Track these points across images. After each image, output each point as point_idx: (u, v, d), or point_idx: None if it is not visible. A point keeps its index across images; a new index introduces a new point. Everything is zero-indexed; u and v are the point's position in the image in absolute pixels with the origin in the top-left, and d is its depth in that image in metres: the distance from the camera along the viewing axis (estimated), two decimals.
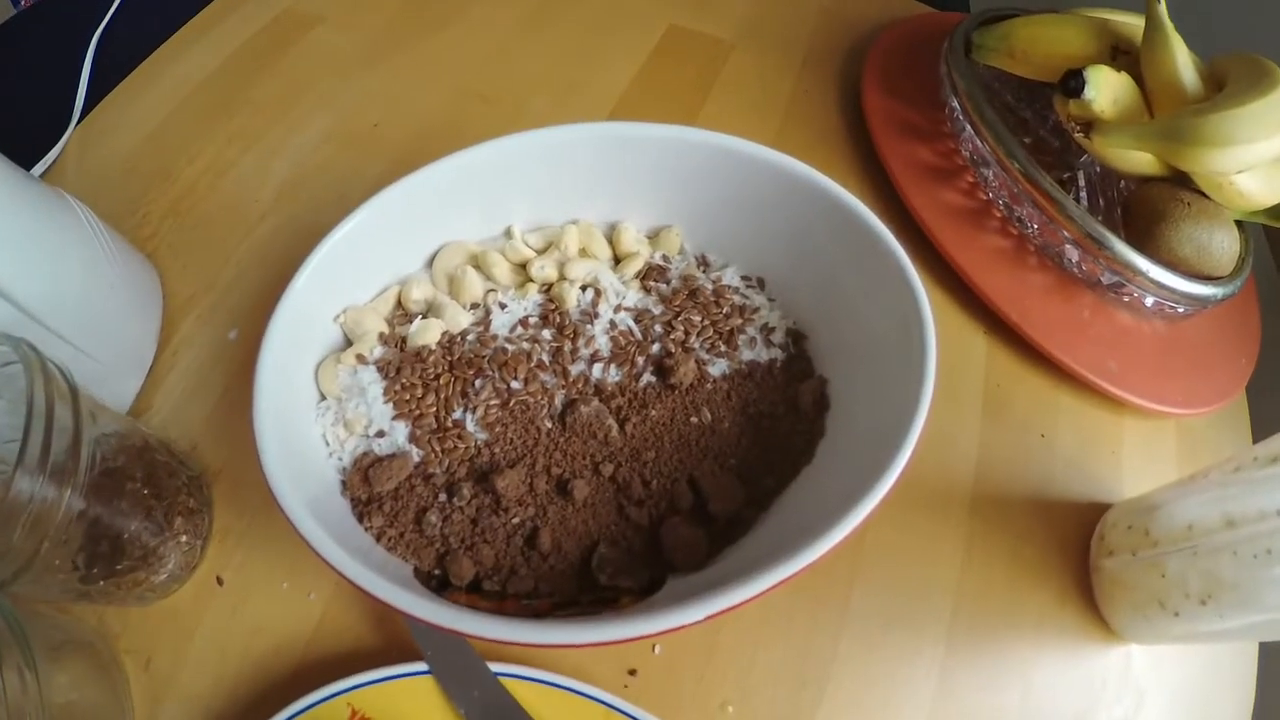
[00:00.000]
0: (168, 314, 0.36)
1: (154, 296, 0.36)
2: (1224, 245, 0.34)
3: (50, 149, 0.40)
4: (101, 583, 0.28)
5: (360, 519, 0.25)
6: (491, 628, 0.19)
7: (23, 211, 0.30)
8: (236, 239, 0.38)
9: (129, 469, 0.28)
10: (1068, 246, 0.35)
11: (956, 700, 0.29)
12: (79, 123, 0.42)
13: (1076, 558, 0.33)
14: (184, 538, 0.30)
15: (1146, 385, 0.35)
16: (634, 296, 0.29)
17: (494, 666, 0.27)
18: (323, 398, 0.27)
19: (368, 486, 0.25)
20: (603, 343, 0.27)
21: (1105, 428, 0.36)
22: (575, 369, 0.27)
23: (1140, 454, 0.36)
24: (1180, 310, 0.36)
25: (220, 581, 0.30)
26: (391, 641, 0.29)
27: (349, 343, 0.28)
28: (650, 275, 0.29)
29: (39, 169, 0.40)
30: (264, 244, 0.37)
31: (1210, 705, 0.32)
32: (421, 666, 0.27)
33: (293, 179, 0.40)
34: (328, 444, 0.26)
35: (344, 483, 0.26)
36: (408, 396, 0.26)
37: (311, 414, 0.27)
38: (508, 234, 0.30)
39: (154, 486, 0.29)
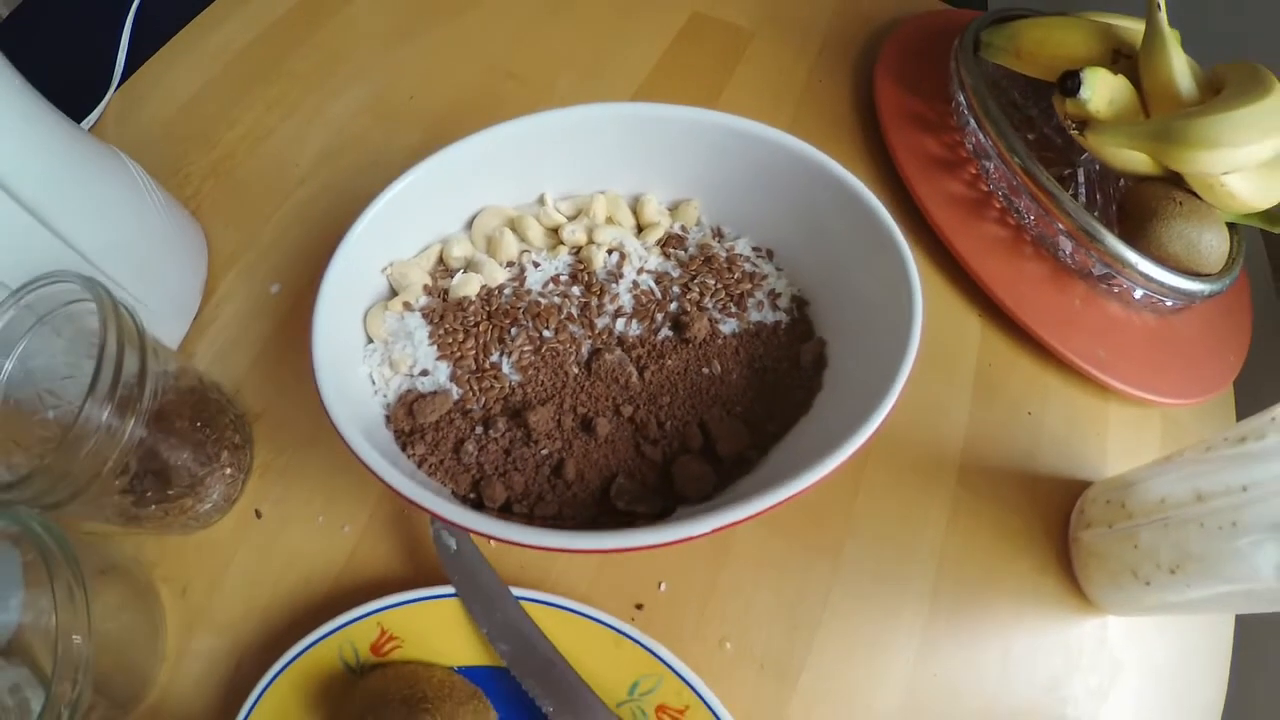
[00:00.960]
0: (212, 268, 0.38)
1: (200, 250, 0.38)
2: (1213, 244, 0.36)
3: (90, 113, 0.42)
4: (152, 507, 0.30)
5: (404, 448, 0.27)
6: (524, 534, 0.22)
7: (80, 164, 0.32)
8: (276, 201, 0.40)
9: (182, 404, 0.30)
10: (1061, 238, 0.37)
11: (939, 656, 0.31)
12: (118, 88, 0.44)
13: (1058, 530, 0.34)
14: (228, 470, 0.32)
15: (1133, 374, 0.36)
16: (655, 260, 0.32)
17: (516, 591, 0.29)
18: (369, 341, 0.30)
19: (411, 419, 0.27)
20: (626, 300, 0.30)
21: (1092, 411, 0.37)
22: (601, 322, 0.30)
23: (1124, 438, 0.37)
24: (1169, 304, 0.37)
25: (258, 514, 0.32)
26: (420, 569, 0.31)
27: (394, 293, 0.31)
28: (670, 243, 0.32)
29: (84, 126, 0.42)
30: (303, 206, 0.40)
31: (1186, 678, 0.33)
32: (448, 590, 0.29)
33: (331, 146, 0.42)
34: (373, 383, 0.29)
35: (388, 416, 0.28)
36: (450, 340, 0.29)
37: (359, 356, 0.29)
38: (540, 201, 0.32)
39: (204, 421, 0.31)
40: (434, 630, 0.29)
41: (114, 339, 0.25)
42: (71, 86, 0.44)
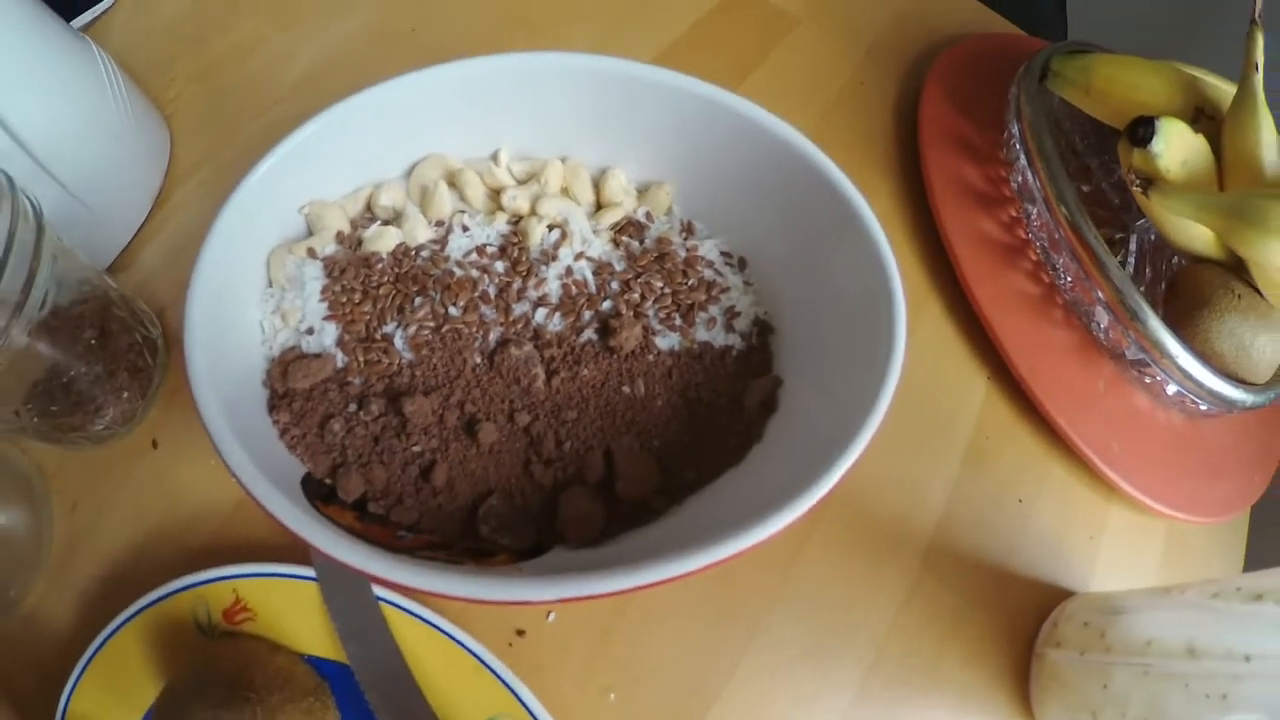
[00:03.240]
0: (170, 177, 0.36)
1: (160, 156, 0.36)
2: (1266, 350, 0.31)
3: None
4: (36, 419, 0.28)
5: (271, 410, 0.24)
6: (347, 553, 0.19)
7: (35, 44, 0.30)
8: (250, 115, 0.38)
9: (84, 317, 0.29)
10: (1098, 308, 0.32)
11: None
12: None
13: (1022, 639, 0.30)
14: (125, 394, 0.30)
15: (1145, 477, 0.32)
16: (600, 247, 0.27)
17: (379, 592, 0.27)
18: (270, 285, 0.27)
19: (285, 381, 0.24)
20: (554, 287, 0.26)
21: (1089, 510, 0.33)
22: (519, 309, 0.25)
23: (1120, 548, 0.33)
24: (1202, 407, 0.33)
25: (155, 445, 0.31)
26: (296, 543, 0.29)
27: (311, 235, 0.27)
28: (626, 230, 0.27)
29: (89, 16, 0.40)
30: (274, 127, 0.36)
31: None
32: (310, 572, 0.27)
33: (319, 68, 0.39)
34: (263, 331, 0.26)
35: (268, 373, 0.25)
36: (345, 299, 0.25)
37: (256, 299, 0.26)
38: (493, 158, 0.28)
39: (105, 339, 0.29)
40: (290, 611, 0.27)
41: (3, 231, 0.23)
42: None
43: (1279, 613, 0.22)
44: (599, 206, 0.29)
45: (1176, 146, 0.31)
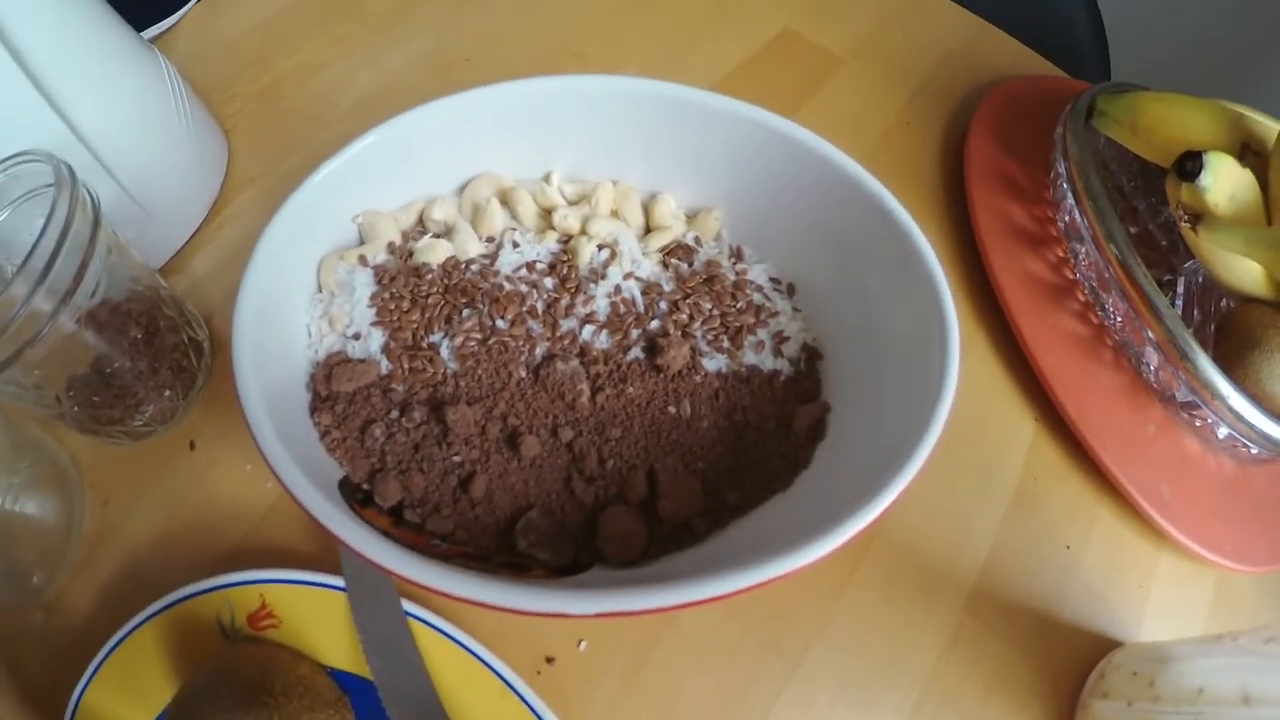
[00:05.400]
0: (226, 188, 0.37)
1: (218, 167, 0.37)
2: None
3: (172, 14, 0.43)
4: (76, 408, 0.29)
5: (313, 413, 0.24)
6: (379, 552, 0.18)
7: (108, 53, 0.31)
8: (308, 135, 0.39)
9: (134, 313, 0.29)
10: (1148, 348, 0.32)
11: None
12: None
13: (1067, 688, 0.29)
14: (167, 392, 0.30)
15: (1196, 524, 0.31)
16: (649, 268, 0.27)
17: (408, 606, 0.26)
18: (319, 290, 0.27)
19: (328, 384, 0.24)
20: (602, 305, 0.26)
21: (1139, 558, 0.32)
22: (566, 324, 0.25)
23: (1170, 598, 0.32)
24: (1254, 451, 0.32)
25: (192, 446, 0.31)
26: (326, 551, 0.29)
27: (363, 243, 0.28)
28: (676, 253, 0.27)
29: (157, 30, 0.42)
30: (329, 146, 0.36)
31: None
32: (341, 582, 0.27)
33: (376, 92, 0.41)
34: (310, 335, 0.26)
35: (312, 376, 0.25)
36: (393, 306, 0.25)
37: (305, 303, 0.27)
38: (545, 179, 0.29)
39: (152, 336, 0.30)
40: (316, 621, 0.27)
41: (60, 219, 0.24)
42: None
43: None
44: (648, 230, 0.29)
45: (1224, 181, 0.31)
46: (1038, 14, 0.60)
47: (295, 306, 0.26)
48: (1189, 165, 0.30)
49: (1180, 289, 0.35)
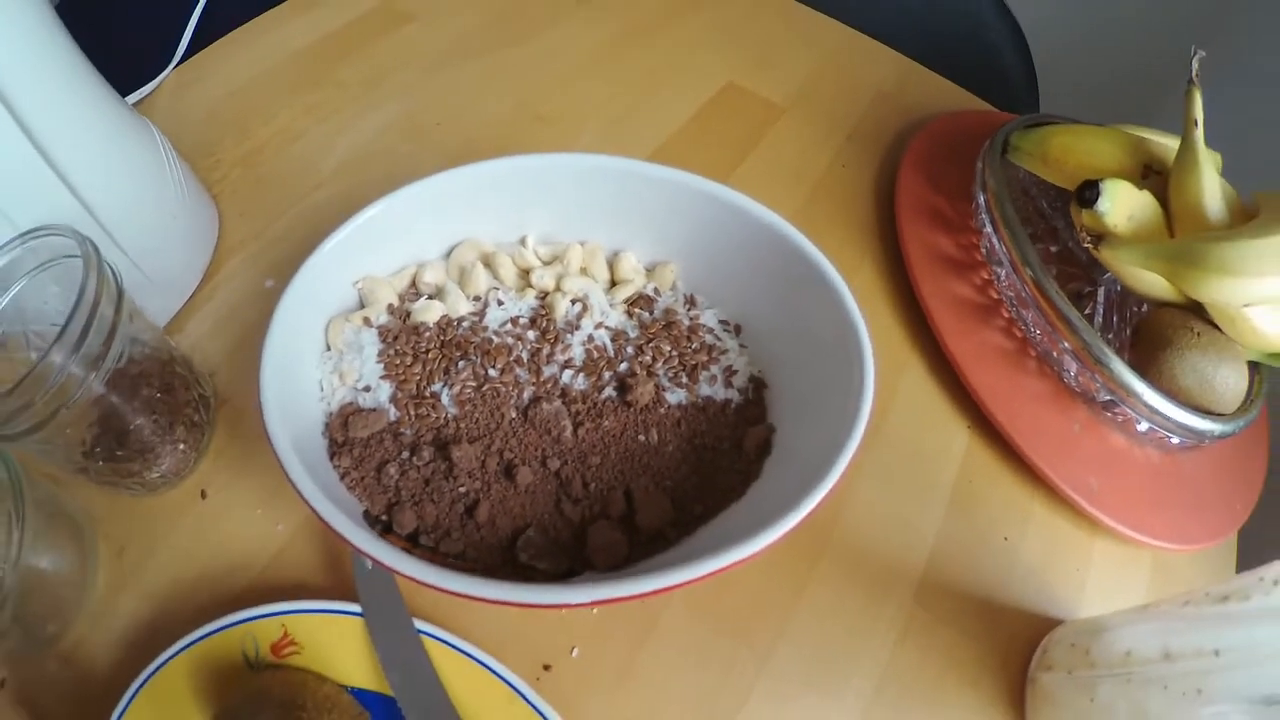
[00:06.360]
0: (219, 252, 0.40)
1: (210, 233, 0.40)
2: (1229, 382, 0.33)
3: (149, 82, 0.44)
4: (100, 463, 0.31)
5: (332, 457, 0.28)
6: (410, 567, 0.22)
7: (112, 132, 0.33)
8: (292, 200, 0.41)
9: (150, 373, 0.32)
10: (1067, 357, 0.35)
11: None
12: (175, 67, 0.46)
13: (1015, 667, 0.32)
14: (182, 445, 0.33)
15: (1126, 511, 0.34)
16: (617, 318, 0.32)
17: (420, 625, 0.29)
18: (328, 349, 0.30)
19: (345, 431, 0.28)
20: (578, 352, 0.30)
21: (1074, 545, 0.35)
22: (548, 370, 0.30)
23: (1107, 578, 0.35)
24: (1175, 440, 0.35)
25: (204, 495, 0.33)
26: (338, 583, 0.31)
27: (363, 306, 0.32)
28: (638, 303, 0.32)
29: (136, 97, 0.44)
30: (315, 210, 0.41)
31: None
32: (357, 608, 0.29)
33: (354, 157, 0.44)
34: (321, 389, 0.30)
35: (327, 424, 0.29)
36: (398, 362, 0.29)
37: (315, 360, 0.30)
38: (521, 242, 0.33)
39: (167, 393, 0.32)
40: (335, 645, 0.29)
41: (90, 294, 0.26)
42: (138, 58, 0.46)
43: (1243, 609, 0.23)
44: (614, 283, 0.33)
45: (1122, 204, 0.33)
46: (968, 47, 0.64)
47: (307, 364, 0.30)
48: (1087, 193, 0.33)
49: (1100, 298, 0.38)
